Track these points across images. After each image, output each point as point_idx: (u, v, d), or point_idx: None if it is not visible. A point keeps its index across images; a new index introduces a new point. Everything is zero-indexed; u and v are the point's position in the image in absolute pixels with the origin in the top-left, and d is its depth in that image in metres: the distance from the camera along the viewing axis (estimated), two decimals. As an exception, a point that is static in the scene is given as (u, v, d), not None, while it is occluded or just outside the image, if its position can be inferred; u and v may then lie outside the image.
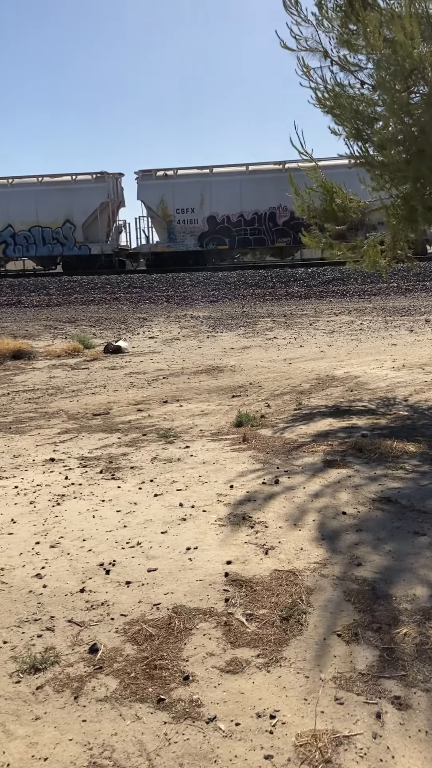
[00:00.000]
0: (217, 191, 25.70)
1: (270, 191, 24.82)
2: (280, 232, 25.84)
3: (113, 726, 2.14)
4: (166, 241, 26.43)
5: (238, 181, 25.69)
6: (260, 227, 25.91)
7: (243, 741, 2.04)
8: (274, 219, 25.78)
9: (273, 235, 25.99)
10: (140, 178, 26.28)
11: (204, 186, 25.83)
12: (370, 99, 6.05)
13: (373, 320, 13.36)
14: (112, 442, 5.52)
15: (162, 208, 26.04)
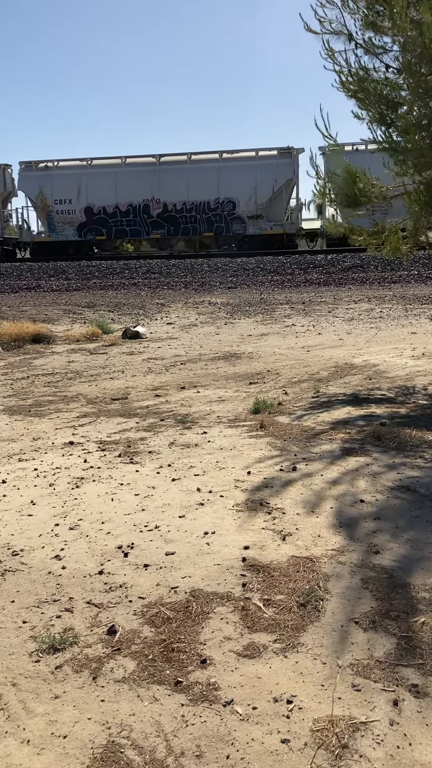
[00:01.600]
0: (93, 183, 26.02)
1: (144, 184, 25.55)
2: (155, 224, 26.30)
3: (131, 706, 2.16)
4: (47, 231, 26.83)
5: (114, 173, 26.05)
6: (135, 218, 26.34)
7: (260, 725, 2.06)
8: (148, 211, 26.25)
9: (148, 227, 26.41)
10: (22, 169, 26.72)
11: (81, 178, 26.11)
12: (394, 83, 5.96)
13: (392, 308, 13.23)
14: (131, 426, 5.55)
15: (41, 198, 26.37)
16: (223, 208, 25.85)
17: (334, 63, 5.99)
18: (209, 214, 26.01)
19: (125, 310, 14.73)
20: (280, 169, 25.31)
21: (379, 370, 7.47)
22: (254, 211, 25.55)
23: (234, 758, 1.93)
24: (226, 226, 26.07)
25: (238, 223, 25.94)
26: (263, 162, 25.49)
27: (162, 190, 25.87)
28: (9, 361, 9.20)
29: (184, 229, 26.30)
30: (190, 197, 25.84)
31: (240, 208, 25.69)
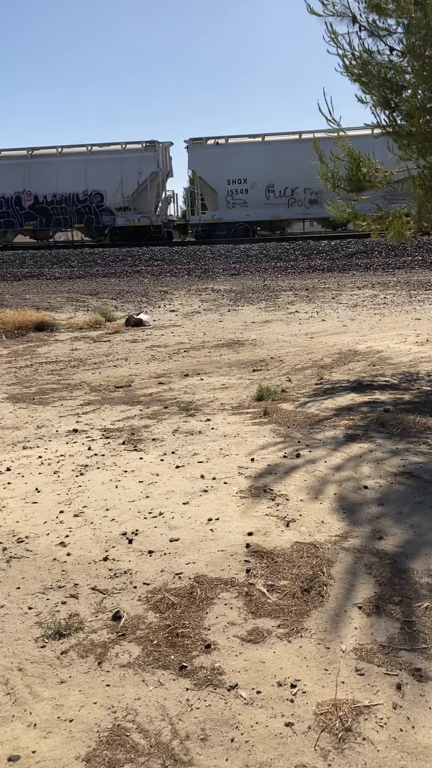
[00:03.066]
0: None
1: (16, 176, 26.18)
2: (28, 216, 26.84)
3: (136, 691, 2.18)
4: None
5: None
6: (8, 210, 26.86)
7: (264, 708, 2.08)
8: (20, 203, 26.77)
9: (21, 218, 26.91)
10: None
11: None
12: (398, 66, 5.89)
13: (396, 294, 13.18)
14: (134, 414, 5.55)
15: None
16: (91, 200, 26.47)
17: (337, 46, 5.92)
18: (79, 205, 26.60)
19: (128, 297, 14.71)
20: (144, 163, 25.92)
21: (383, 357, 7.46)
22: (122, 203, 26.16)
23: (238, 741, 1.95)
24: (96, 218, 26.67)
25: (107, 214, 26.54)
26: (129, 155, 26.12)
27: (33, 182, 26.54)
28: (13, 349, 9.21)
29: (56, 220, 26.91)
30: (60, 189, 26.44)
31: (108, 200, 26.29)
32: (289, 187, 25.22)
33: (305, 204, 25.37)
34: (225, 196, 25.58)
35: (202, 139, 25.90)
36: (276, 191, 25.42)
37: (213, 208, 25.98)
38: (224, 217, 25.67)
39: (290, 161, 24.19)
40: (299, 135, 24.91)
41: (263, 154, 25.08)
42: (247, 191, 25.47)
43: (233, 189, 25.50)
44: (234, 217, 25.55)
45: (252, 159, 25.04)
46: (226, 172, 25.20)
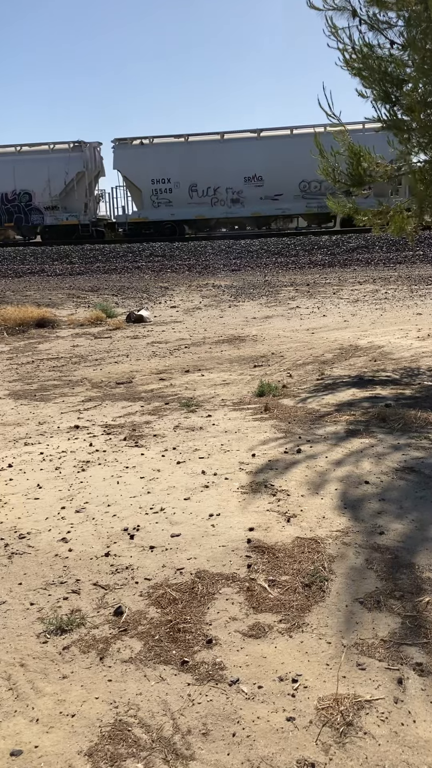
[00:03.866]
0: None
1: None
2: None
3: (138, 686, 2.19)
4: None
5: None
6: None
7: (265, 703, 2.08)
8: None
9: None
10: None
11: None
12: (399, 60, 5.87)
13: (398, 289, 13.16)
14: (135, 410, 5.56)
15: None
16: (20, 199, 26.66)
17: (337, 40, 5.90)
18: (8, 205, 26.78)
19: (129, 293, 14.70)
20: (71, 162, 26.15)
21: (384, 352, 7.45)
22: (50, 202, 26.35)
23: (240, 736, 1.95)
24: (25, 217, 26.88)
25: (36, 213, 26.79)
26: (56, 155, 26.35)
27: None
28: (14, 346, 9.21)
29: None
30: None
31: (36, 200, 26.51)
32: (211, 186, 25.52)
33: (227, 203, 25.71)
34: (150, 195, 25.83)
35: (127, 140, 26.21)
36: (199, 191, 25.68)
37: (139, 207, 26.34)
38: (150, 216, 25.98)
39: (212, 161, 24.75)
40: (221, 135, 25.39)
41: (186, 154, 25.40)
42: (171, 190, 25.73)
43: (157, 188, 25.78)
44: (159, 216, 25.87)
45: (175, 159, 25.38)
46: (150, 172, 25.50)
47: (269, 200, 25.19)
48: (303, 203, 25.07)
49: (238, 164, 24.83)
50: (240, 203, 25.29)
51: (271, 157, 24.48)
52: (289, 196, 24.97)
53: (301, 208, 25.26)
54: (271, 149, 24.65)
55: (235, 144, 25.09)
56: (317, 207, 24.44)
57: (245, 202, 25.37)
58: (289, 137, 24.67)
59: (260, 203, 25.24)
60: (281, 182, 24.69)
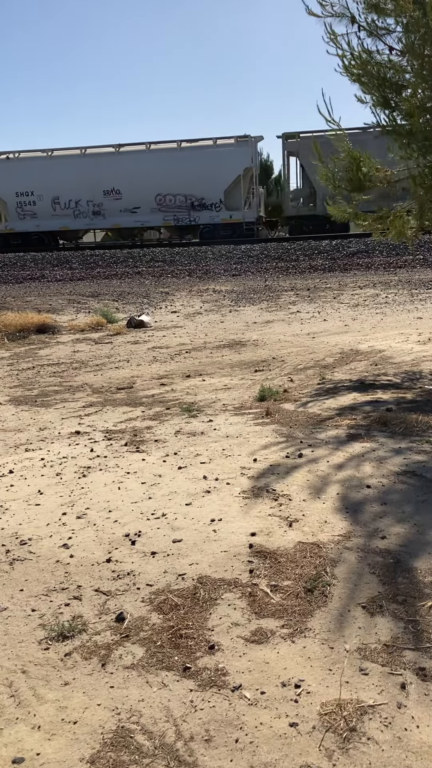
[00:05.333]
0: None
1: None
2: None
3: (140, 692, 2.18)
4: None
5: None
6: None
7: (268, 709, 2.07)
8: None
9: None
10: None
11: None
12: (398, 65, 5.89)
13: (398, 293, 13.17)
14: (137, 415, 5.56)
15: None
16: None
17: (336, 47, 5.92)
18: None
19: (129, 299, 14.72)
20: None
21: (385, 356, 7.45)
22: None
23: (243, 742, 1.94)
24: None
25: None
26: None
27: None
28: (14, 352, 9.22)
29: None
30: None
31: None
32: (72, 199, 26.27)
33: (89, 216, 26.42)
34: (15, 207, 26.46)
35: None
36: (61, 203, 26.36)
37: (6, 219, 26.92)
38: (16, 227, 26.60)
39: (74, 175, 25.48)
40: (82, 150, 26.14)
41: (48, 168, 26.11)
42: (35, 203, 26.40)
43: (22, 201, 26.43)
44: (25, 227, 26.54)
45: (38, 172, 26.07)
46: (14, 185, 26.16)
47: (128, 213, 26.11)
48: (160, 216, 26.01)
49: (97, 178, 25.70)
50: (101, 215, 26.23)
51: (129, 172, 25.39)
52: (146, 209, 25.92)
53: (158, 221, 26.28)
54: (129, 164, 25.56)
55: (94, 158, 25.95)
56: (173, 219, 25.66)
57: (106, 214, 26.28)
58: (146, 152, 25.75)
59: (120, 216, 26.15)
60: (138, 196, 25.62)
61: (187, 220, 25.98)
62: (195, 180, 25.08)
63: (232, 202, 25.58)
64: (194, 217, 25.88)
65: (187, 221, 26.00)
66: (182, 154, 25.53)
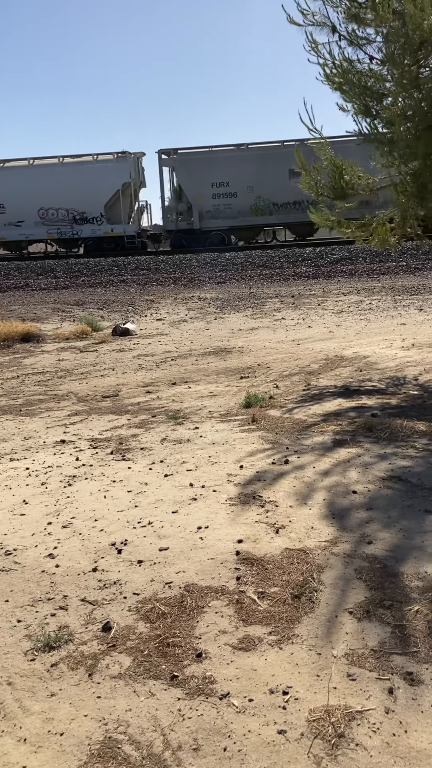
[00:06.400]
0: None
1: None
2: None
3: (127, 702, 2.16)
4: None
5: None
6: None
7: (256, 716, 2.06)
8: None
9: None
10: None
11: None
12: (378, 74, 5.95)
13: (382, 299, 13.26)
14: (122, 423, 5.54)
15: None
16: None
17: (318, 55, 5.97)
18: None
19: (114, 307, 14.69)
20: None
21: (370, 362, 7.49)
22: None
23: (231, 750, 1.93)
24: None
25: None
26: None
27: None
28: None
29: None
30: None
31: None
32: None
33: None
34: None
35: None
36: None
37: None
38: None
39: None
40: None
41: None
42: None
43: None
44: None
45: None
46: None
47: (12, 226, 26.58)
48: (44, 229, 26.54)
49: None
50: None
51: (12, 186, 25.85)
52: (30, 222, 26.43)
53: (42, 234, 26.83)
54: (11, 178, 26.05)
55: None
56: (57, 233, 26.27)
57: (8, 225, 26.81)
58: (29, 167, 26.37)
59: (5, 229, 26.61)
60: (22, 209, 26.08)
61: (70, 233, 26.55)
62: (76, 194, 25.63)
63: (113, 216, 26.19)
64: (77, 231, 26.47)
65: (70, 234, 26.56)
66: (64, 169, 26.19)
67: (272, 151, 24.88)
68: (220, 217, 25.55)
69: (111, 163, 25.94)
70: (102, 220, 26.16)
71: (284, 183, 24.55)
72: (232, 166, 25.09)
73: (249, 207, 25.42)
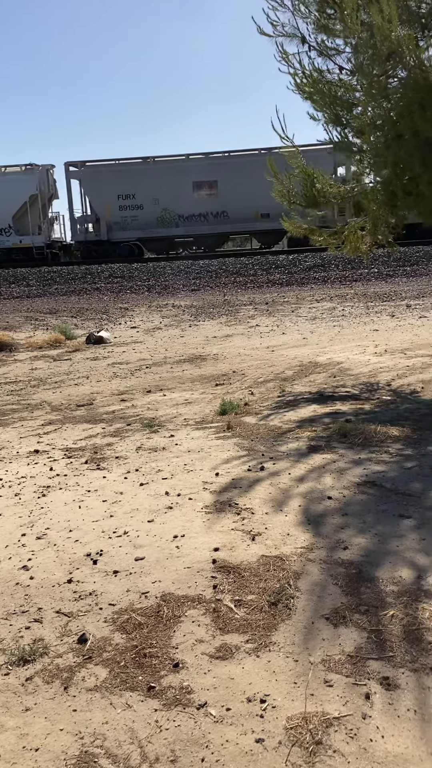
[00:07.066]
0: None
1: None
2: None
3: (104, 715, 2.14)
4: None
5: None
6: None
7: (234, 726, 2.06)
8: None
9: None
10: None
11: None
12: (348, 84, 6.03)
13: (354, 306, 13.40)
14: (97, 432, 5.50)
15: None
16: None
17: (288, 65, 6.03)
18: None
19: (88, 315, 14.62)
20: None
21: (343, 368, 7.56)
22: None
23: (209, 761, 1.92)
24: None
25: None
26: None
27: None
28: (-30, 371, 9.04)
29: None
30: None
31: None
32: None
33: None
34: None
35: None
36: None
37: None
38: None
39: None
40: None
41: None
42: None
43: None
44: None
45: None
46: None
47: None
48: None
49: None
50: None
51: None
52: None
53: None
54: None
55: None
56: None
57: None
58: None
59: None
60: None
61: None
62: None
63: (22, 227, 26.18)
64: None
65: None
66: None
67: (178, 164, 25.20)
68: (128, 228, 25.69)
69: (18, 175, 25.96)
70: (10, 231, 26.12)
71: (188, 195, 24.82)
72: (138, 179, 25.39)
73: (155, 219, 25.61)
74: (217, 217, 25.66)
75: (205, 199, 25.51)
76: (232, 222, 25.50)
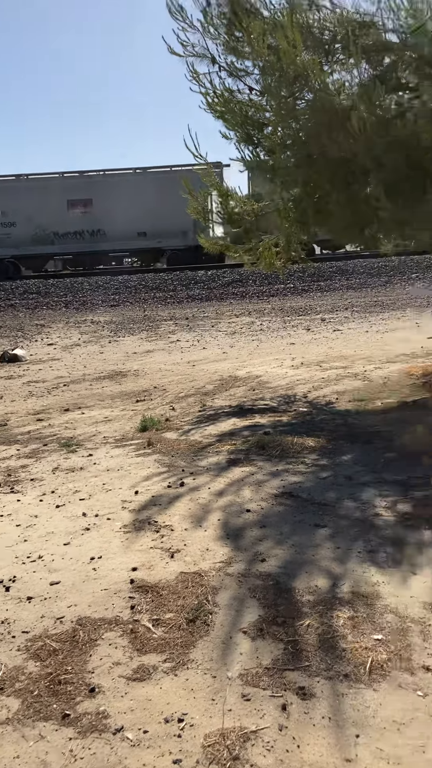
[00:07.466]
0: None
1: None
2: None
3: (15, 749, 2.05)
4: None
5: None
6: None
7: (151, 748, 2.02)
8: None
9: None
10: None
11: None
12: (258, 104, 6.19)
13: (272, 320, 13.66)
14: (11, 454, 5.33)
15: None
16: None
17: (199, 85, 6.13)
18: None
19: (2, 332, 14.21)
20: None
21: (262, 381, 7.68)
22: None
23: (125, 787, 1.88)
24: None
25: None
26: None
27: None
28: None
29: None
30: None
31: None
32: None
33: None
34: None
35: None
36: None
37: None
38: None
39: None
40: None
41: None
42: None
43: None
44: None
45: None
46: None
47: None
48: None
49: None
50: None
51: None
52: None
53: None
54: None
55: None
56: None
57: None
58: None
59: None
60: None
61: None
62: None
63: None
64: None
65: None
66: None
67: (52, 182, 25.19)
68: (3, 246, 25.35)
69: None
70: None
71: (63, 213, 24.91)
72: (10, 196, 25.15)
73: (30, 236, 25.43)
74: (94, 235, 25.60)
75: (79, 217, 25.41)
76: (110, 240, 25.51)
